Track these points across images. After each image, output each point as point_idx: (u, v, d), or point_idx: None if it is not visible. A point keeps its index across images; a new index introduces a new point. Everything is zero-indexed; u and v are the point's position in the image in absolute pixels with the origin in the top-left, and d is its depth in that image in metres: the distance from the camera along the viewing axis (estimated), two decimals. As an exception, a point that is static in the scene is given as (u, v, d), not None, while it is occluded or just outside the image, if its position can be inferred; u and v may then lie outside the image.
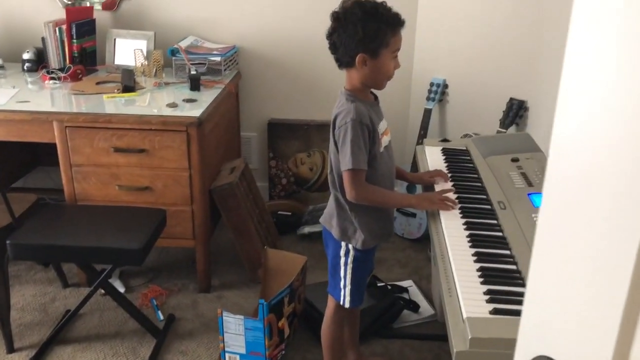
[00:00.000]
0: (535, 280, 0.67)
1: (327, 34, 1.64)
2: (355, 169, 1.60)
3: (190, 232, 2.48)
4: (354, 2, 1.60)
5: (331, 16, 1.63)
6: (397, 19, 1.60)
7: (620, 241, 0.52)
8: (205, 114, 2.39)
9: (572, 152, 0.61)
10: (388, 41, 1.60)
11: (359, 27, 1.56)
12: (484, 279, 1.35)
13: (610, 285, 0.53)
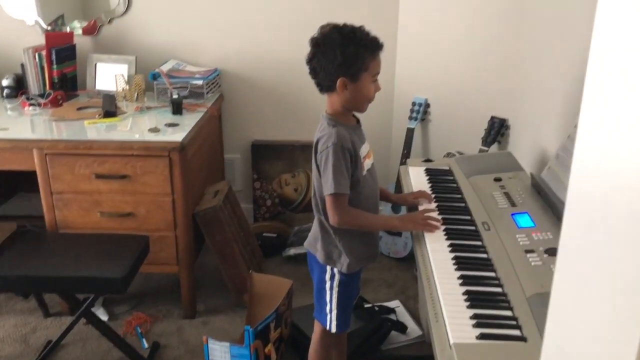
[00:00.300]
0: (556, 308, 0.68)
1: (307, 60, 1.65)
2: (337, 193, 1.59)
3: (174, 257, 2.45)
4: (332, 27, 1.62)
5: (310, 42, 1.63)
6: (376, 43, 1.61)
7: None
8: (188, 138, 2.38)
9: (592, 182, 0.62)
10: (368, 65, 1.61)
11: (338, 52, 1.57)
12: (470, 302, 1.35)
13: (630, 312, 0.53)
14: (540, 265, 1.44)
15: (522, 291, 1.36)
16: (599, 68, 0.62)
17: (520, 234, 1.60)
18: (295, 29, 2.92)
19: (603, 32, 0.61)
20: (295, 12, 2.95)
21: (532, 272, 1.42)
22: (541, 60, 2.40)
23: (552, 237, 1.55)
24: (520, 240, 1.57)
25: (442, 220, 1.75)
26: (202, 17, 3.00)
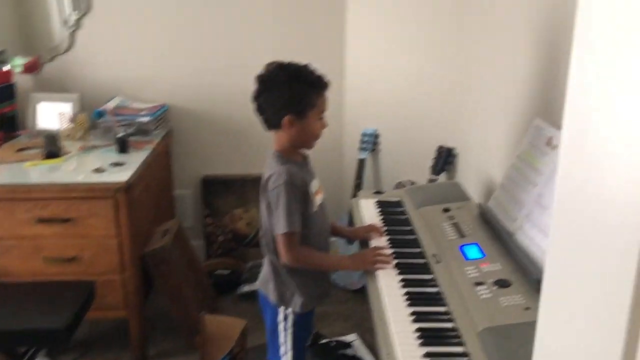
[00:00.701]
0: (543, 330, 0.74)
1: (252, 97, 1.65)
2: (289, 232, 1.57)
3: (121, 301, 2.36)
4: (278, 65, 1.62)
5: (256, 79, 1.63)
6: (322, 82, 1.62)
7: (615, 294, 0.55)
8: (134, 177, 2.32)
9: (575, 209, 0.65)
10: (314, 103, 1.61)
11: (285, 90, 1.58)
12: (423, 340, 1.34)
13: (609, 335, 0.57)
14: (490, 297, 1.45)
15: (472, 326, 1.36)
16: (579, 87, 0.66)
17: (469, 266, 1.61)
18: (244, 63, 2.91)
19: (582, 48, 0.66)
20: (244, 47, 2.95)
21: (482, 306, 1.42)
22: (484, 91, 2.47)
23: (501, 268, 1.57)
24: (470, 273, 1.57)
25: (393, 256, 1.75)
26: (149, 53, 2.96)
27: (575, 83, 0.65)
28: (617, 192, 0.58)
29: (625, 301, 0.54)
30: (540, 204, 1.59)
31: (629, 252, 0.54)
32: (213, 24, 2.94)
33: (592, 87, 0.63)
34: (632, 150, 0.56)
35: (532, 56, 1.90)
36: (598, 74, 0.62)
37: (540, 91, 1.84)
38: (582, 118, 0.66)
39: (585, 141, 0.64)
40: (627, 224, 0.55)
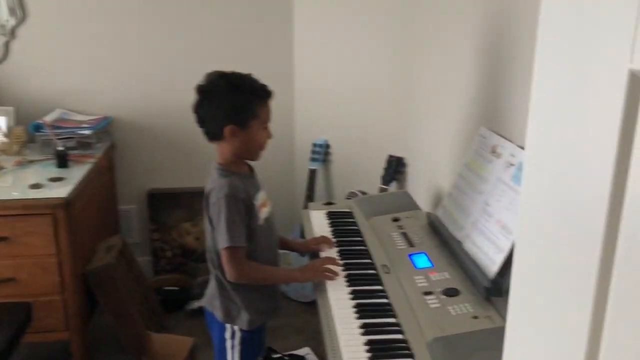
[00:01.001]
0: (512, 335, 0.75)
1: (193, 108, 1.60)
2: (233, 247, 1.53)
3: (63, 323, 2.25)
4: (219, 74, 1.58)
5: (196, 89, 1.59)
6: (264, 91, 1.59)
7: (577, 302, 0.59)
8: (75, 192, 2.23)
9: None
10: (257, 113, 1.58)
11: (225, 100, 1.54)
12: (373, 353, 1.32)
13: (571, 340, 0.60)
14: (439, 307, 1.44)
15: (422, 336, 1.34)
16: (542, 94, 0.67)
17: (418, 276, 1.60)
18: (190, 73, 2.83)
19: (544, 60, 0.66)
20: (189, 58, 2.89)
21: (431, 315, 1.41)
22: (431, 101, 2.49)
23: (449, 277, 1.57)
24: (419, 282, 1.57)
25: (344, 266, 1.73)
26: (91, 63, 2.86)
27: (538, 86, 0.67)
28: (580, 194, 0.59)
29: (589, 297, 0.57)
30: (487, 212, 1.60)
31: (592, 251, 0.57)
32: (157, 33, 2.87)
33: (553, 92, 0.65)
34: (593, 155, 0.58)
35: (477, 66, 1.93)
36: (558, 78, 0.64)
37: (485, 100, 1.86)
38: (544, 125, 0.67)
39: (549, 146, 0.66)
40: (590, 224, 0.57)
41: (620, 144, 0.53)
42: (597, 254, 0.56)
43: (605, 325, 0.56)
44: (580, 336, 0.58)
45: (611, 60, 0.55)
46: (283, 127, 3.00)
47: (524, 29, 1.57)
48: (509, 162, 1.58)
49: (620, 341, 0.56)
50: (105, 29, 2.83)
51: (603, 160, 0.56)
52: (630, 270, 0.53)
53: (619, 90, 0.53)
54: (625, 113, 0.53)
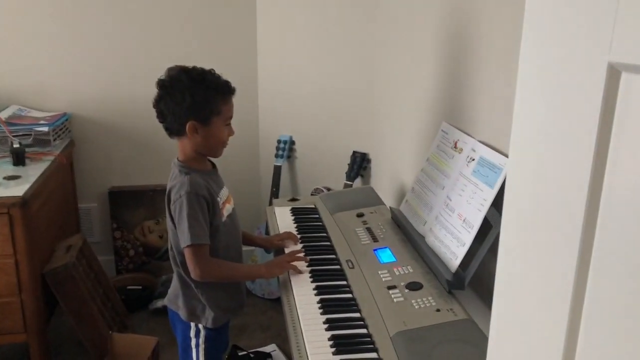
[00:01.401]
0: (497, 325, 0.76)
1: (153, 103, 1.57)
2: (195, 244, 1.51)
3: (20, 325, 2.19)
4: (180, 69, 1.56)
5: (157, 84, 1.56)
6: (227, 87, 1.57)
7: (559, 288, 0.62)
8: (31, 190, 2.16)
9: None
10: (219, 109, 1.56)
11: (187, 95, 1.52)
12: (337, 348, 1.32)
13: (554, 325, 0.63)
14: (402, 301, 1.45)
15: (386, 330, 1.35)
16: (527, 90, 0.70)
17: (382, 270, 1.61)
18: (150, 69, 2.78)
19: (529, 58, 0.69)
20: (150, 53, 2.84)
21: (394, 309, 1.42)
22: (394, 97, 2.51)
23: (412, 271, 1.58)
24: (383, 277, 1.58)
25: (308, 262, 1.73)
26: (47, 59, 2.78)
27: (523, 80, 0.70)
28: (561, 182, 0.63)
29: (569, 285, 0.61)
30: (449, 206, 1.62)
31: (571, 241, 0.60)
32: (115, 28, 2.81)
33: (536, 87, 0.68)
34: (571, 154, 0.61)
35: (439, 62, 1.95)
36: (541, 72, 0.67)
37: (447, 96, 1.89)
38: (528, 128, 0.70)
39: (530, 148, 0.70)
40: (570, 211, 0.61)
41: (600, 132, 0.56)
42: (577, 237, 0.59)
43: (584, 308, 0.60)
44: (562, 314, 0.62)
45: (591, 53, 0.57)
46: (247, 123, 2.98)
47: (485, 25, 1.60)
48: (470, 157, 1.60)
49: (597, 325, 0.59)
50: (62, 23, 2.76)
51: (583, 149, 0.59)
52: (608, 251, 0.57)
53: (598, 82, 0.56)
54: (604, 103, 0.56)
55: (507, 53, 1.48)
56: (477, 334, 1.31)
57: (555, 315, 0.63)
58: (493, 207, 1.44)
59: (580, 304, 0.61)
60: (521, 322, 0.71)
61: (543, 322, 0.67)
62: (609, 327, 0.57)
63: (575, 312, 0.61)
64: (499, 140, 1.52)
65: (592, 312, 0.59)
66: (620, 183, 0.56)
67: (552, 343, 0.64)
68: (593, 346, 0.60)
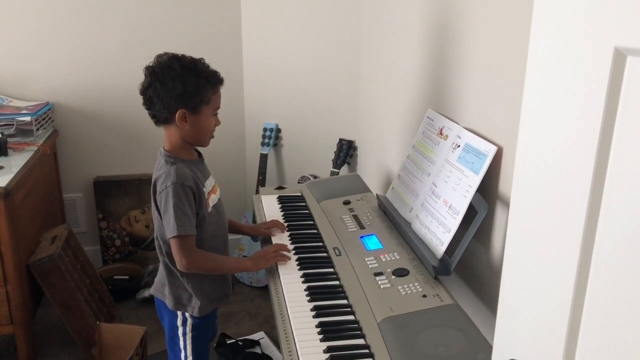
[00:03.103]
0: (505, 300, 0.82)
1: (141, 89, 1.55)
2: (181, 235, 1.50)
3: (6, 316, 2.17)
4: (171, 56, 1.54)
5: (146, 70, 1.54)
6: (217, 77, 1.56)
7: (564, 269, 0.68)
8: (15, 181, 2.13)
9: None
10: (209, 98, 1.55)
11: (178, 82, 1.50)
12: (324, 335, 1.32)
13: (558, 303, 0.70)
14: (389, 287, 1.46)
15: (373, 317, 1.36)
16: (533, 96, 0.73)
17: (369, 257, 1.62)
18: (133, 60, 2.76)
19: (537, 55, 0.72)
20: (134, 42, 2.80)
21: (381, 296, 1.43)
22: (380, 84, 2.51)
23: (399, 258, 1.59)
24: (370, 264, 1.59)
25: (295, 250, 1.73)
26: (29, 47, 2.74)
27: (532, 65, 0.73)
28: (568, 163, 0.67)
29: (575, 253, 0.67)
30: (434, 193, 1.63)
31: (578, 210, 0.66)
32: (98, 16, 2.76)
33: (545, 72, 0.71)
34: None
35: (424, 48, 1.94)
36: (550, 57, 0.70)
37: (432, 82, 1.89)
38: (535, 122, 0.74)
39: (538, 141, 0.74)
40: (577, 189, 0.66)
41: (605, 114, 0.60)
42: (583, 214, 0.64)
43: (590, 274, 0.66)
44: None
45: (597, 38, 0.60)
46: (233, 111, 2.96)
47: (471, 11, 1.60)
48: (455, 144, 1.61)
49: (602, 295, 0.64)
50: (43, 12, 2.71)
51: (589, 131, 0.62)
52: (613, 226, 0.61)
53: (604, 66, 0.59)
54: (610, 85, 0.59)
55: (492, 39, 1.48)
56: (463, 318, 1.33)
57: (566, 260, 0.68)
58: (478, 193, 1.45)
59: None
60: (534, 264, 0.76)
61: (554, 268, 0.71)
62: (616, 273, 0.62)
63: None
64: (484, 126, 1.53)
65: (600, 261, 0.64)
66: (625, 160, 0.59)
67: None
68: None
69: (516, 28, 1.34)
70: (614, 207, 0.61)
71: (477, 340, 1.24)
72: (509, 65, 1.39)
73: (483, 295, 1.54)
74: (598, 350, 0.66)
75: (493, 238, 1.48)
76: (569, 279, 0.67)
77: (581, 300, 0.67)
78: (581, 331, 0.68)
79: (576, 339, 0.69)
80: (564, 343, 0.70)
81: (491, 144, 1.45)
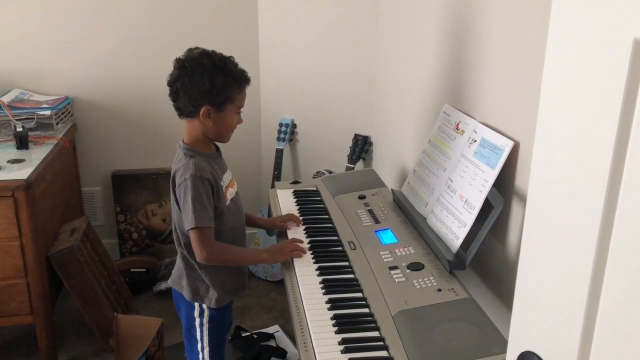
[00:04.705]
0: (521, 294, 0.84)
1: (169, 81, 1.57)
2: (200, 227, 1.52)
3: (27, 306, 2.22)
4: (202, 52, 1.56)
5: (176, 63, 1.56)
6: (244, 76, 1.58)
7: (580, 262, 0.69)
8: (35, 174, 2.17)
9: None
10: (234, 97, 1.57)
11: (206, 79, 1.51)
12: (339, 327, 1.34)
13: (574, 296, 0.71)
14: (404, 281, 1.47)
15: (387, 310, 1.37)
16: (553, 90, 0.74)
17: (384, 251, 1.63)
18: (151, 53, 2.80)
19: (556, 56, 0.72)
20: (151, 37, 2.83)
21: (396, 289, 1.44)
22: (396, 80, 2.50)
23: (414, 252, 1.60)
24: (385, 257, 1.59)
25: (310, 243, 1.74)
26: (49, 42, 2.78)
27: (547, 94, 0.74)
28: (586, 156, 0.68)
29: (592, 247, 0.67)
30: (450, 188, 1.63)
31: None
32: (117, 10, 2.79)
33: (564, 65, 0.71)
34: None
35: (441, 44, 1.94)
36: (569, 50, 0.70)
37: (448, 78, 1.89)
38: (551, 127, 0.75)
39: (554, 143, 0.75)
40: (594, 182, 0.66)
41: (624, 107, 0.60)
42: (600, 207, 0.65)
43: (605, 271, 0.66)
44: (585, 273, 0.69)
45: (617, 30, 0.60)
46: (249, 106, 2.95)
47: (488, 6, 1.59)
48: (471, 139, 1.61)
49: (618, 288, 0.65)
50: (63, 7, 2.75)
51: (607, 123, 0.62)
52: (630, 219, 0.62)
53: (624, 58, 0.59)
54: (629, 78, 0.59)
55: (509, 34, 1.47)
56: (478, 313, 1.33)
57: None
58: (494, 188, 1.45)
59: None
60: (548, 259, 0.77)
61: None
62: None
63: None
64: (500, 121, 1.53)
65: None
66: None
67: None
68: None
69: (533, 22, 1.33)
70: (632, 199, 0.61)
71: (492, 334, 1.25)
72: (526, 59, 1.39)
73: (498, 289, 1.54)
74: (614, 342, 0.66)
75: (509, 233, 1.48)
76: (586, 272, 0.68)
77: (597, 292, 0.67)
78: (597, 323, 0.68)
79: (592, 330, 0.69)
80: (580, 335, 0.70)
81: (508, 139, 1.44)
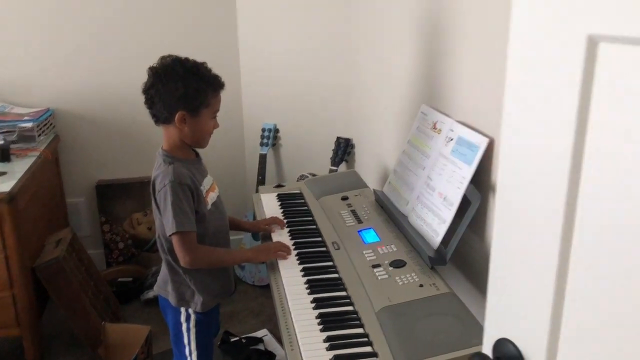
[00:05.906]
0: (494, 283, 0.87)
1: (143, 89, 1.59)
2: (181, 232, 1.54)
3: (13, 319, 2.21)
4: (175, 59, 1.58)
5: (149, 71, 1.59)
6: (218, 81, 1.60)
7: (547, 248, 0.72)
8: (18, 186, 2.17)
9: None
10: (209, 101, 1.59)
11: (180, 84, 1.54)
12: (323, 325, 1.36)
13: (543, 281, 0.74)
14: (387, 278, 1.50)
15: (371, 307, 1.40)
16: (514, 98, 0.77)
17: (367, 250, 1.65)
18: (131, 62, 2.81)
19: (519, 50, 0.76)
20: (131, 47, 2.84)
21: (379, 287, 1.47)
22: (375, 82, 2.54)
23: (396, 250, 1.63)
24: (367, 256, 1.62)
25: (294, 245, 1.76)
26: (29, 54, 2.77)
27: (510, 82, 0.78)
28: (548, 147, 0.72)
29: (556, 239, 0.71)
30: (429, 186, 1.66)
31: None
32: (96, 22, 2.80)
33: (522, 86, 0.75)
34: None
35: (416, 46, 1.98)
36: (529, 48, 0.74)
37: (425, 78, 1.92)
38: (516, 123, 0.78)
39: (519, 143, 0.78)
40: (556, 174, 0.70)
41: (581, 99, 0.64)
42: (563, 198, 0.69)
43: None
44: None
45: (571, 26, 0.64)
46: (232, 112, 3.00)
47: (460, 8, 1.63)
48: (448, 137, 1.64)
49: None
50: (42, 18, 2.75)
51: (565, 119, 0.66)
52: (591, 209, 0.66)
53: (579, 53, 0.63)
54: (584, 73, 0.63)
55: (481, 34, 1.51)
56: (459, 306, 1.36)
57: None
58: (472, 185, 1.49)
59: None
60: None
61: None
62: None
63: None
64: (476, 119, 1.56)
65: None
66: (601, 142, 0.63)
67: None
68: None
69: (502, 24, 1.37)
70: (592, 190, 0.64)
71: (473, 326, 1.28)
72: (496, 58, 1.43)
73: (478, 283, 1.57)
74: (582, 326, 0.69)
75: (487, 227, 1.52)
76: (552, 260, 0.71)
77: (564, 279, 0.70)
78: (565, 309, 0.71)
79: (560, 316, 0.72)
80: (549, 320, 0.73)
81: (483, 136, 1.48)
